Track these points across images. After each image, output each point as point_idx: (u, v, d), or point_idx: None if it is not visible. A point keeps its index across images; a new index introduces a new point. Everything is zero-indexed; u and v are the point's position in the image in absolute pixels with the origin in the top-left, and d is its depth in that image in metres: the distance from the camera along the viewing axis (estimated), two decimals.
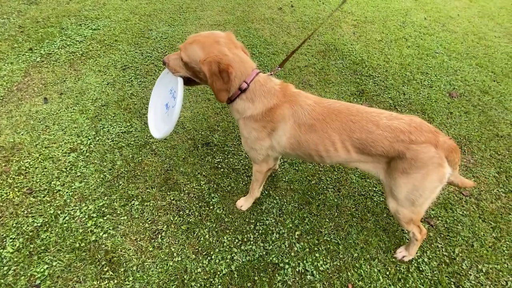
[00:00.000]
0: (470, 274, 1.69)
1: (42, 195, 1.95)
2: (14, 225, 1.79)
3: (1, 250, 1.68)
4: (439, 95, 3.00)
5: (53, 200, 1.92)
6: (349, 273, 1.67)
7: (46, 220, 1.82)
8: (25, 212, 1.86)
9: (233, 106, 1.51)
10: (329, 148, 1.45)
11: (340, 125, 1.40)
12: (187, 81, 1.56)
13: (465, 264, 1.74)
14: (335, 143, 1.43)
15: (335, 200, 2.02)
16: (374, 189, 2.10)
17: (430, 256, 1.76)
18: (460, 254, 1.78)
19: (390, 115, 1.39)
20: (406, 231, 1.77)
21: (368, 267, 1.70)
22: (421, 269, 1.70)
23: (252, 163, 1.72)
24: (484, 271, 1.71)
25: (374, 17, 4.34)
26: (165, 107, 1.64)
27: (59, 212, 1.86)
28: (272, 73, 1.68)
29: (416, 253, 1.75)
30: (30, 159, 2.15)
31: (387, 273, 1.68)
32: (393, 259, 1.73)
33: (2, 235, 1.75)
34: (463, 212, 1.99)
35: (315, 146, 1.47)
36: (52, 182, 2.02)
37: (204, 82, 1.50)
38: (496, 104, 2.94)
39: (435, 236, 1.85)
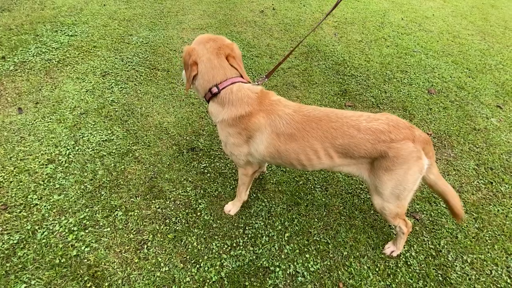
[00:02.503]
0: (456, 265, 1.73)
1: (18, 210, 1.84)
2: None
3: None
4: (419, 92, 3.09)
5: (30, 215, 1.83)
6: (339, 272, 1.67)
7: (23, 236, 1.72)
8: (0, 229, 1.75)
9: (208, 107, 1.55)
10: (312, 157, 1.46)
11: (322, 133, 1.41)
12: None
13: (451, 255, 1.78)
14: (318, 151, 1.44)
15: (323, 199, 2.03)
16: (361, 186, 2.13)
17: (417, 250, 1.79)
18: (446, 246, 1.82)
19: (368, 117, 1.42)
20: (393, 226, 1.80)
21: (358, 264, 1.71)
22: (409, 263, 1.73)
23: (237, 167, 1.70)
24: (469, 261, 1.76)
25: (354, 18, 4.44)
26: None
27: (36, 227, 1.77)
28: (258, 83, 1.67)
29: (404, 247, 1.78)
30: (4, 172, 2.04)
31: (377, 269, 1.69)
32: (382, 255, 1.75)
33: None
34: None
35: (296, 155, 1.47)
36: (29, 196, 1.92)
37: None
38: (472, 99, 3.06)
39: (421, 230, 1.89)
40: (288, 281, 1.62)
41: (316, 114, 1.44)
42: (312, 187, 2.10)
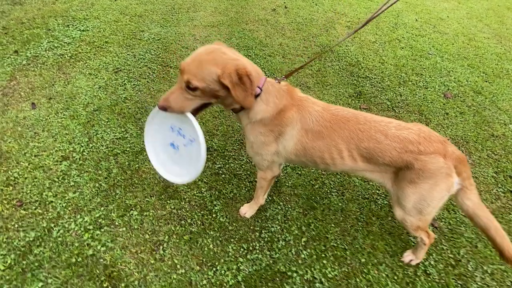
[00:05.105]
0: (476, 276, 1.70)
1: (34, 207, 1.83)
2: (4, 240, 1.68)
3: None
4: (435, 96, 3.03)
5: (45, 212, 1.82)
6: (357, 279, 1.65)
7: (39, 234, 1.71)
8: (16, 226, 1.74)
9: (244, 113, 1.44)
10: (335, 156, 1.44)
11: (348, 134, 1.39)
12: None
13: (471, 265, 1.74)
14: (342, 152, 1.42)
15: (340, 204, 2.00)
16: (378, 192, 2.09)
17: (436, 259, 1.76)
18: (465, 256, 1.78)
19: (399, 124, 1.39)
20: (413, 237, 1.76)
21: (376, 272, 1.68)
22: (428, 272, 1.70)
23: (257, 170, 1.68)
24: (489, 272, 1.72)
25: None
26: (171, 147, 1.53)
27: (52, 225, 1.76)
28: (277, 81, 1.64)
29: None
30: (18, 168, 2.03)
31: (395, 277, 1.67)
32: (400, 263, 1.72)
33: None
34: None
35: (321, 154, 1.45)
36: (44, 193, 1.91)
37: (220, 100, 1.39)
38: (490, 104, 3.00)
39: (440, 238, 1.85)
40: (305, 287, 1.60)
41: (345, 114, 1.42)
42: (328, 191, 2.07)
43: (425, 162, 1.31)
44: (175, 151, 1.53)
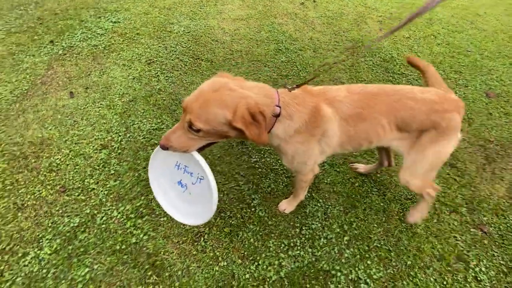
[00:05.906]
0: None
1: (76, 194, 1.87)
2: (50, 224, 1.72)
3: (39, 251, 1.60)
4: (476, 95, 2.89)
5: (88, 199, 1.84)
6: (404, 282, 1.59)
7: (83, 220, 1.74)
8: (60, 211, 1.78)
9: (272, 135, 1.33)
10: (380, 132, 1.43)
11: (385, 107, 1.38)
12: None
13: None
14: (385, 126, 1.41)
15: (381, 204, 1.93)
16: None
17: (487, 265, 1.67)
18: None
19: (420, 89, 1.42)
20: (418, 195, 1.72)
21: (423, 275, 1.61)
22: (479, 279, 1.62)
23: (296, 174, 1.59)
24: None
25: (399, 13, 4.21)
26: (179, 186, 1.44)
27: (95, 212, 1.78)
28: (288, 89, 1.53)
29: (472, 261, 1.67)
30: (60, 155, 2.07)
31: (444, 282, 1.60)
32: (449, 268, 1.65)
33: (38, 235, 1.67)
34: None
35: (366, 134, 1.43)
36: (86, 180, 1.94)
37: (231, 137, 1.28)
38: None
39: (490, 244, 1.76)
40: (350, 287, 1.56)
41: (370, 90, 1.41)
42: (369, 190, 2.01)
43: (450, 120, 1.36)
44: (183, 190, 1.43)
